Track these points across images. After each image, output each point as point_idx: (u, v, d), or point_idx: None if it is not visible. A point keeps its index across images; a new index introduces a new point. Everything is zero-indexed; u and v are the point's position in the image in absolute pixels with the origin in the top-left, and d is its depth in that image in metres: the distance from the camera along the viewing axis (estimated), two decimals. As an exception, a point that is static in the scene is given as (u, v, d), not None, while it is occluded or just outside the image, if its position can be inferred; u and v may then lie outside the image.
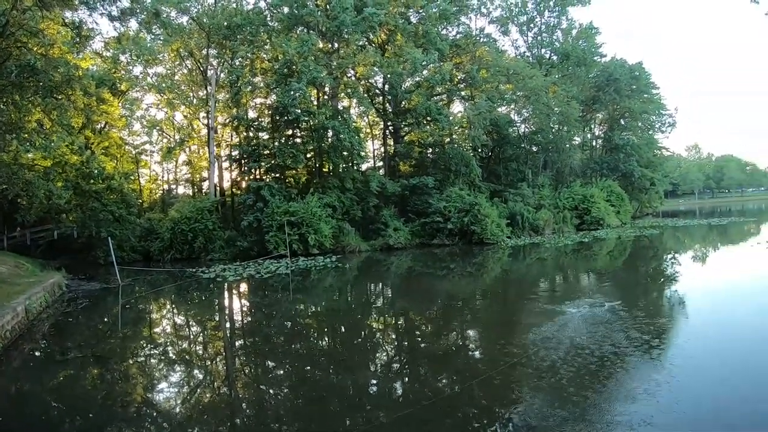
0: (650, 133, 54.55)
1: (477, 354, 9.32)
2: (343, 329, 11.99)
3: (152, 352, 10.08)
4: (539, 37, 49.63)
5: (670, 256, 24.72)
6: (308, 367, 8.62)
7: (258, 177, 28.17)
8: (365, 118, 37.96)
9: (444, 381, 7.73)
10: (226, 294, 17.55)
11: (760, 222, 42.96)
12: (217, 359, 9.48)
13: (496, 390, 7.02)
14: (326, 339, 11.16)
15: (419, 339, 10.69)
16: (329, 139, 27.94)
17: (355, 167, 31.10)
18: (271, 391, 7.64)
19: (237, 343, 10.92)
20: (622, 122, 50.70)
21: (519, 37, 49.46)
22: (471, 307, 13.73)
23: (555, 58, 49.60)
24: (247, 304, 16.41)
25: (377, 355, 9.63)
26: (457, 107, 40.03)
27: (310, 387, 7.60)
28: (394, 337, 11.10)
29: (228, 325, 12.86)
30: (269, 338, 10.85)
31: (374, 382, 7.91)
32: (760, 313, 10.43)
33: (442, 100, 37.41)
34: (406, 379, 8.08)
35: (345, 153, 28.71)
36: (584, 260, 24.14)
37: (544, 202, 35.87)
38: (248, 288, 18.37)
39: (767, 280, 15.26)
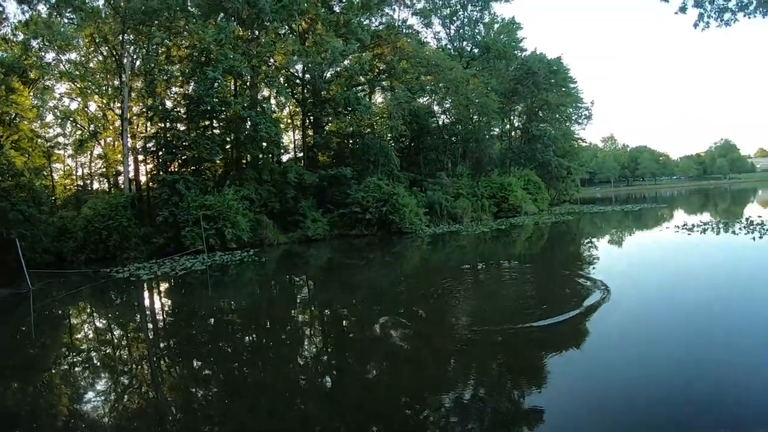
0: (567, 124, 57.07)
1: (402, 337, 9.50)
2: (265, 324, 12.01)
3: (70, 359, 9.65)
4: (461, 30, 50.68)
5: (583, 240, 26.49)
6: (235, 365, 8.74)
7: (174, 170, 27.31)
8: (287, 108, 37.67)
9: (374, 367, 8.14)
10: (142, 294, 16.94)
11: (671, 208, 46.37)
12: (141, 363, 9.18)
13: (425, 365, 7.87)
14: (250, 335, 11.19)
15: (344, 329, 10.95)
16: (246, 130, 27.43)
17: (274, 159, 30.83)
18: (199, 392, 7.57)
19: (159, 345, 10.61)
20: (541, 114, 52.41)
21: (441, 30, 50.23)
22: (391, 295, 13.95)
23: (476, 51, 50.91)
24: (166, 303, 16.03)
25: (303, 348, 9.73)
26: (378, 98, 40.61)
27: (238, 385, 7.64)
28: (318, 329, 11.28)
29: (148, 326, 12.49)
30: (192, 338, 10.72)
31: (303, 376, 8.04)
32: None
33: (364, 90, 37.79)
34: (335, 370, 8.31)
35: (263, 144, 28.41)
36: (500, 246, 25.20)
37: (463, 191, 36.67)
38: (165, 286, 17.93)
39: (666, 257, 17.23)
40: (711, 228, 24.67)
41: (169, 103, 29.79)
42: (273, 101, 35.20)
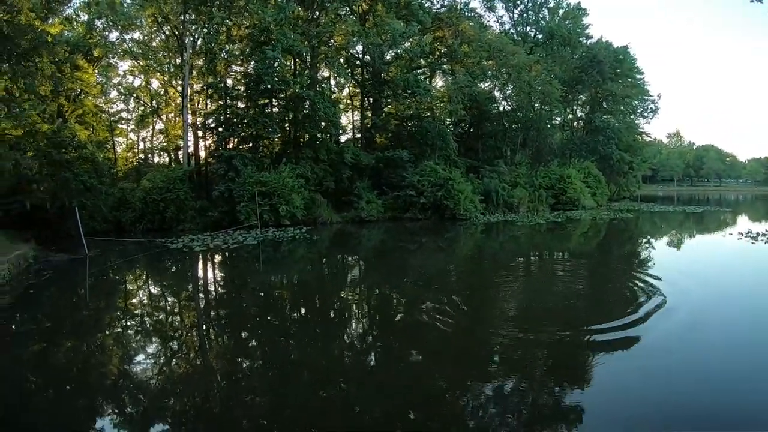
0: (632, 117, 55.01)
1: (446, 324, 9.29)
2: (313, 302, 12.01)
3: (120, 323, 9.94)
4: (525, 15, 49.31)
5: (640, 240, 25.42)
6: (282, 339, 8.81)
7: (232, 147, 27.72)
8: (346, 89, 37.43)
9: (413, 351, 8.14)
10: (192, 264, 17.24)
11: (735, 213, 43.77)
12: (186, 329, 9.52)
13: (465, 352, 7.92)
14: (298, 311, 11.26)
15: (391, 312, 10.90)
16: (305, 110, 27.38)
17: (332, 139, 30.70)
18: (244, 363, 7.69)
19: (202, 313, 10.81)
20: (605, 105, 50.83)
21: (504, 14, 48.75)
22: (438, 283, 13.72)
23: (540, 36, 49.52)
24: (214, 274, 16.39)
25: (349, 327, 9.82)
26: (439, 82, 39.94)
27: (282, 359, 7.78)
28: (365, 309, 11.25)
29: (192, 295, 12.83)
30: (235, 309, 10.89)
31: (348, 354, 8.13)
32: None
33: (425, 73, 37.43)
34: (379, 351, 8.41)
35: (321, 124, 28.32)
36: (555, 240, 24.47)
37: (520, 180, 35.84)
38: (215, 259, 18.17)
39: (731, 266, 16.07)
40: None
41: (229, 82, 30.21)
42: (333, 82, 35.01)
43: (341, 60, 31.64)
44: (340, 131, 32.35)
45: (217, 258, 18.23)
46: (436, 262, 17.64)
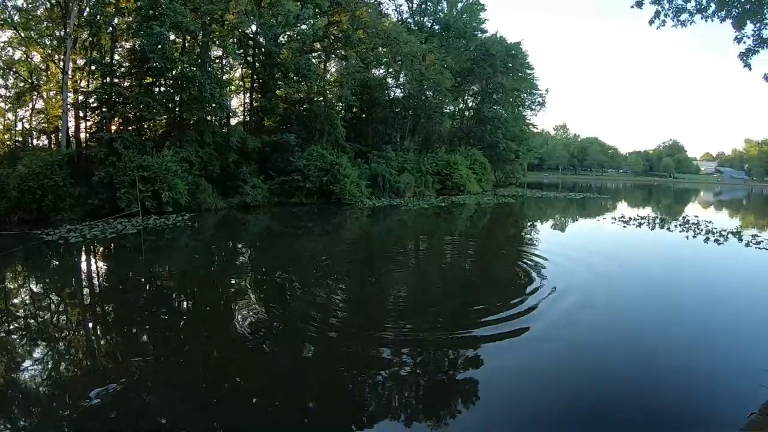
0: (520, 109, 58.64)
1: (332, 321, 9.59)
2: (200, 293, 11.85)
3: None
4: (424, 5, 50.82)
5: (524, 223, 28.17)
6: (170, 333, 8.82)
7: (115, 128, 26.53)
8: (239, 70, 36.38)
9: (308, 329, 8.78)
10: (70, 258, 16.15)
11: (614, 200, 48.82)
12: (73, 328, 9.02)
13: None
14: (185, 303, 11.15)
15: (281, 296, 11.22)
16: (191, 91, 26.41)
17: (221, 121, 30.24)
18: (136, 358, 7.44)
19: (92, 311, 10.24)
20: (495, 96, 53.30)
21: (404, 2, 50.48)
22: (328, 265, 14.52)
23: (437, 27, 51.14)
24: (94, 268, 15.39)
25: (240, 314, 9.83)
26: (334, 66, 40.23)
27: (174, 351, 7.91)
28: (255, 296, 11.31)
29: (76, 292, 12.03)
30: (125, 304, 10.51)
31: (239, 342, 8.28)
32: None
33: (320, 57, 37.48)
34: (272, 332, 8.88)
35: (208, 106, 27.46)
36: (442, 224, 26.34)
37: (408, 165, 37.16)
38: (94, 251, 17.15)
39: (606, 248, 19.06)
40: (647, 223, 26.59)
41: (116, 58, 29.11)
42: (225, 63, 33.98)
43: (233, 40, 30.98)
44: (229, 114, 31.86)
45: (95, 250, 17.26)
46: (324, 248, 18.01)
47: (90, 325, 9.33)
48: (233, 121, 33.60)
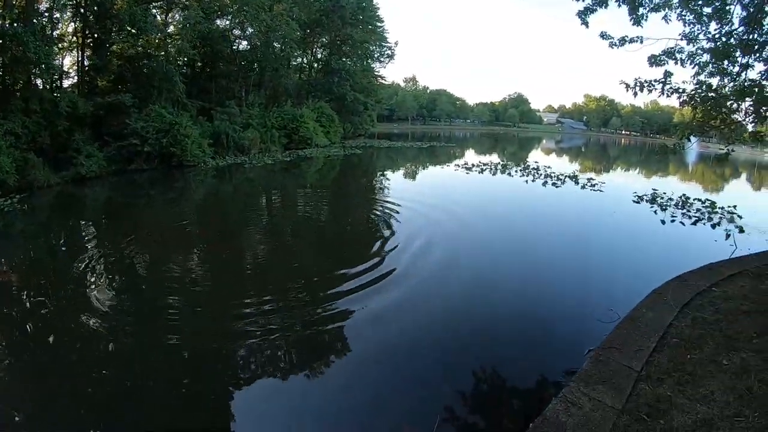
0: (368, 61, 59.95)
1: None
2: (44, 281, 11.21)
3: None
4: (271, -46, 49.57)
5: (373, 172, 30.65)
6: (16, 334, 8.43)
7: None
8: (71, 24, 31.84)
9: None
10: None
11: (462, 147, 53.10)
12: None
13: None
14: (31, 297, 10.26)
15: (137, 273, 11.33)
16: (13, 51, 23.24)
17: (50, 84, 27.49)
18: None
19: None
20: (344, 49, 54.09)
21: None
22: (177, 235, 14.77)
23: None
24: None
25: (96, 296, 9.60)
26: (177, 18, 38.41)
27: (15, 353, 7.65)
28: (106, 276, 10.90)
29: None
30: None
31: (102, 325, 8.35)
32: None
33: (162, 8, 34.88)
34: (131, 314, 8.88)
35: (34, 68, 24.54)
36: (289, 179, 27.37)
37: (253, 121, 36.71)
38: None
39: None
40: (489, 169, 30.27)
41: None
42: (57, 15, 29.56)
43: None
44: (61, 75, 29.21)
45: None
46: (169, 217, 17.84)
47: None
48: (67, 84, 30.88)
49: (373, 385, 6.79)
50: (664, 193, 23.95)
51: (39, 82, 26.83)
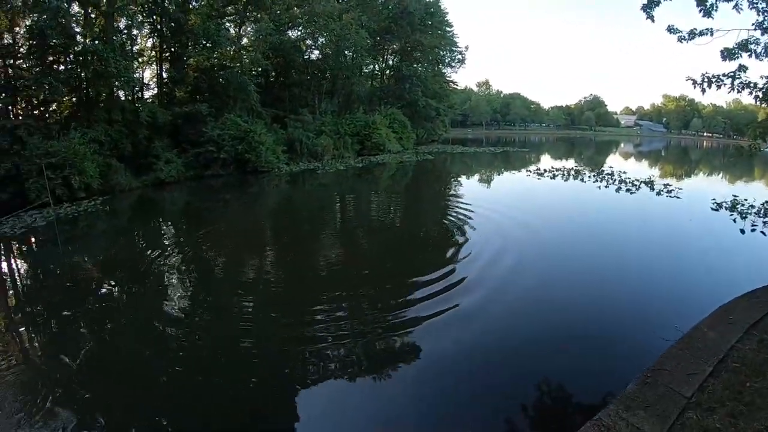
0: (439, 67, 59.45)
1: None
2: (125, 278, 11.58)
3: None
4: (339, -37, 50.39)
5: (446, 178, 30.20)
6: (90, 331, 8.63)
7: (17, 115, 24.84)
8: (150, 40, 34.00)
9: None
10: None
11: (537, 153, 51.57)
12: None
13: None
14: (113, 292, 10.79)
15: (213, 273, 11.70)
16: (95, 66, 25.02)
17: (132, 96, 29.29)
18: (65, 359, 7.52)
19: (21, 312, 9.77)
20: (414, 55, 53.89)
21: (319, -40, 49.46)
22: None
23: (353, -15, 51.04)
24: (17, 267, 13.86)
25: (173, 295, 10.07)
26: (250, 30, 39.51)
27: (95, 354, 7.75)
28: (182, 277, 11.31)
29: None
30: (48, 306, 9.94)
31: (175, 323, 8.68)
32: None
33: (235, 21, 36.48)
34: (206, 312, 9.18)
35: (115, 81, 26.14)
36: (354, 184, 27.45)
37: (326, 128, 37.18)
38: (9, 250, 15.38)
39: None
40: (562, 175, 28.99)
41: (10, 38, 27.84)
42: (135, 32, 31.72)
43: (137, 8, 29.51)
44: (138, 87, 30.82)
45: (7, 249, 15.41)
46: (243, 220, 18.41)
47: (22, 329, 8.90)
48: (148, 95, 32.75)
49: (441, 395, 6.57)
50: (746, 200, 21.55)
51: (121, 93, 28.58)
